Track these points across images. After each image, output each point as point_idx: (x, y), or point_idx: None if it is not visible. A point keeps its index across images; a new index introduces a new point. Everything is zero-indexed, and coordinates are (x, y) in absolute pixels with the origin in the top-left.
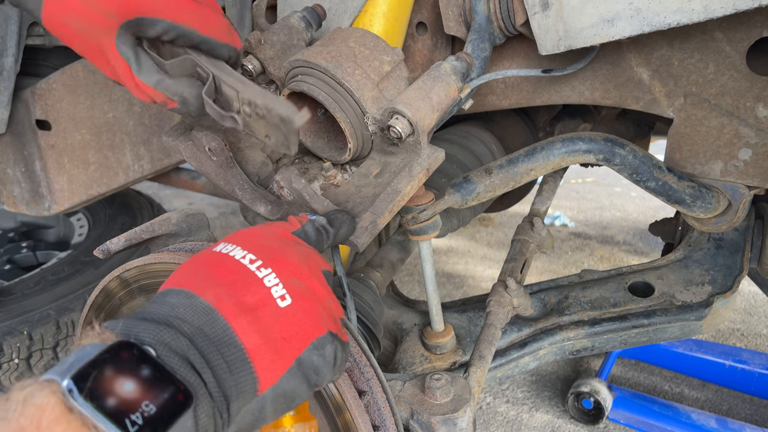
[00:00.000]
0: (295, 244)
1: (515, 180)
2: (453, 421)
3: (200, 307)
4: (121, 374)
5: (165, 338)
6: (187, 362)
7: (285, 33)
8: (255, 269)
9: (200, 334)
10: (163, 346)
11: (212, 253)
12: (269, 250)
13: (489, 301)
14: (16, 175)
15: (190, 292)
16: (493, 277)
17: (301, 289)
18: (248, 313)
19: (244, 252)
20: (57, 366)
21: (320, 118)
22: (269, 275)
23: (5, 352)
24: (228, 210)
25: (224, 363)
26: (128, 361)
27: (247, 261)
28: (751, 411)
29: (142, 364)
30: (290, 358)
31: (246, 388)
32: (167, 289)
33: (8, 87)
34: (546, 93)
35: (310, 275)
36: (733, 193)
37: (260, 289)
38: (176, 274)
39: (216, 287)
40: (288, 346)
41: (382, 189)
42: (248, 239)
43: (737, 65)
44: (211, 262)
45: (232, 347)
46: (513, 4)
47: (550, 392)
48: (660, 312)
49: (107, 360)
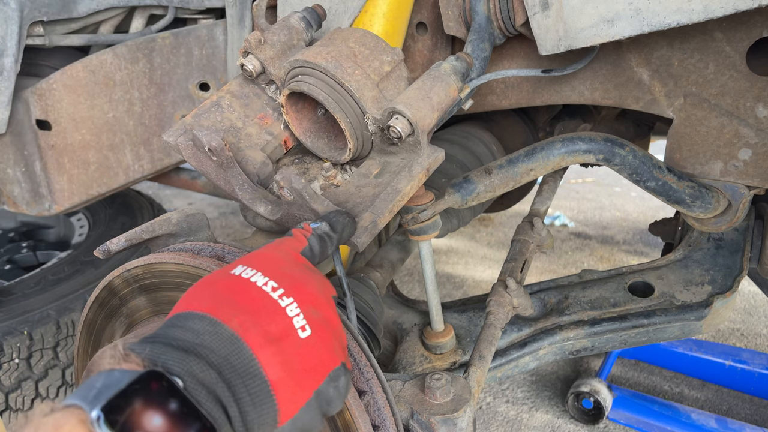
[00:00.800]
0: (309, 270)
1: (515, 180)
2: (453, 421)
3: (225, 335)
4: (149, 408)
5: (193, 369)
6: (214, 395)
7: (285, 33)
8: (278, 297)
9: (227, 365)
10: (191, 378)
11: (232, 277)
12: (290, 278)
13: (489, 301)
14: (17, 175)
15: (214, 319)
16: (493, 277)
17: (320, 320)
18: (272, 344)
19: (266, 279)
20: (82, 389)
21: (320, 118)
22: (291, 305)
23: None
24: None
25: (248, 396)
26: (157, 394)
27: (270, 288)
28: (750, 411)
29: (171, 398)
30: (310, 390)
31: (267, 420)
32: (188, 313)
33: (8, 87)
34: (546, 93)
35: (327, 305)
36: (732, 193)
37: (283, 319)
38: (194, 294)
39: (240, 315)
40: (308, 378)
41: (382, 189)
42: (268, 264)
43: (737, 65)
44: (232, 287)
45: (256, 379)
46: (513, 5)
47: (550, 392)
48: (660, 312)
49: (137, 391)
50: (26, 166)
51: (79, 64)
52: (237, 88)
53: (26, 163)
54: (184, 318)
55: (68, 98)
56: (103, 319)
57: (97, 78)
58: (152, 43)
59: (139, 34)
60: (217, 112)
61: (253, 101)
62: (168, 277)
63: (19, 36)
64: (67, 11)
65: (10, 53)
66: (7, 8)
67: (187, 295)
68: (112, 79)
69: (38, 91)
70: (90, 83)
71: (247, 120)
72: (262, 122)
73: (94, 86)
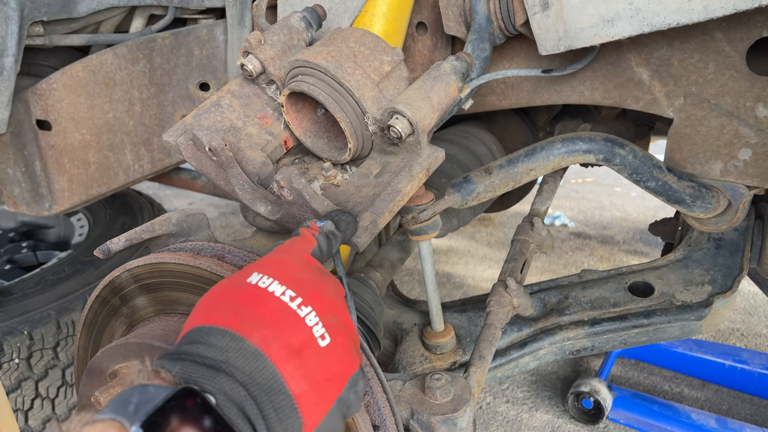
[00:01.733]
0: (322, 274)
1: (515, 180)
2: (453, 421)
3: (249, 351)
4: (185, 424)
5: (224, 387)
6: (243, 413)
7: (285, 33)
8: (296, 308)
9: (253, 382)
10: (222, 395)
11: (249, 287)
12: (307, 286)
13: (489, 301)
14: (17, 175)
15: (237, 334)
16: (493, 277)
17: (337, 326)
18: (294, 357)
19: (283, 288)
20: (118, 403)
21: (320, 118)
22: (310, 314)
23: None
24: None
25: (274, 411)
26: (192, 411)
27: (288, 298)
28: (750, 411)
29: (205, 415)
30: (332, 399)
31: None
32: (209, 328)
33: (8, 87)
34: (546, 93)
35: (343, 310)
36: (732, 193)
37: (303, 330)
38: (212, 305)
39: (262, 329)
40: (330, 387)
41: (382, 189)
42: (283, 271)
43: (737, 65)
44: (250, 299)
45: (281, 394)
46: (513, 4)
47: (550, 392)
48: (660, 312)
49: (174, 408)
50: (26, 166)
51: (79, 64)
52: (237, 88)
53: (26, 163)
54: (206, 333)
55: (68, 98)
56: (103, 319)
57: (97, 78)
58: (152, 43)
59: (139, 34)
60: (217, 112)
61: (253, 101)
62: (168, 277)
63: (20, 36)
64: (67, 11)
65: (10, 53)
66: (7, 8)
67: (204, 305)
68: (112, 79)
69: (38, 91)
70: (90, 83)
71: (247, 120)
72: (262, 122)
73: (94, 86)
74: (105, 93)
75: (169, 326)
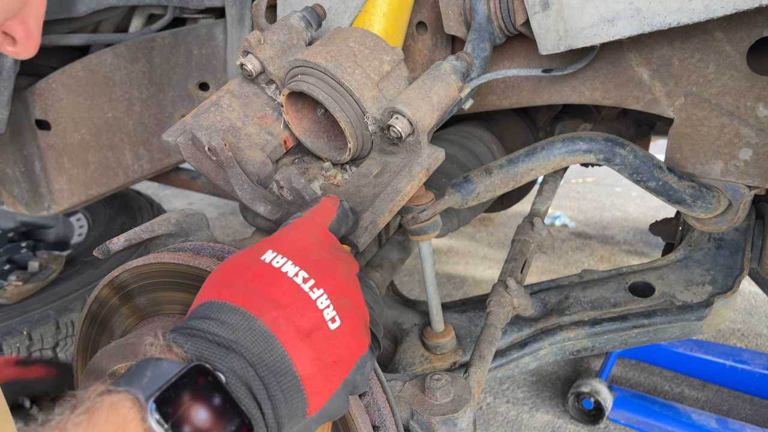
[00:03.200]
0: (337, 252)
1: (515, 180)
2: (453, 422)
3: (259, 331)
4: (197, 402)
5: (234, 366)
6: (251, 392)
7: (285, 33)
8: (308, 290)
9: (261, 363)
10: (232, 374)
11: (263, 265)
12: (320, 267)
13: (489, 301)
14: (16, 175)
15: (248, 313)
16: (494, 277)
17: (348, 309)
18: (304, 340)
19: (297, 268)
20: (132, 376)
21: (320, 118)
22: (321, 297)
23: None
24: (228, 210)
25: (281, 392)
26: (204, 388)
27: (301, 280)
28: (751, 411)
29: (215, 393)
30: (338, 381)
31: (297, 413)
32: (221, 303)
33: (8, 87)
34: (546, 93)
35: (355, 291)
36: (733, 193)
37: (314, 313)
38: (224, 280)
39: (273, 310)
40: (337, 369)
41: (382, 189)
42: (298, 250)
43: (738, 65)
44: (263, 278)
45: (288, 375)
46: (513, 4)
47: (550, 392)
48: (660, 312)
49: (186, 385)
50: (25, 165)
51: (78, 63)
52: (236, 87)
53: (25, 163)
54: (218, 309)
55: (68, 98)
56: (102, 319)
57: (96, 78)
58: (152, 42)
59: (138, 33)
60: (217, 112)
61: (253, 101)
62: (168, 277)
63: None
64: (66, 11)
65: None
66: None
67: (216, 279)
68: (112, 78)
69: (38, 90)
70: (89, 83)
71: (246, 120)
72: (262, 122)
73: (93, 86)
74: (104, 93)
75: (168, 326)
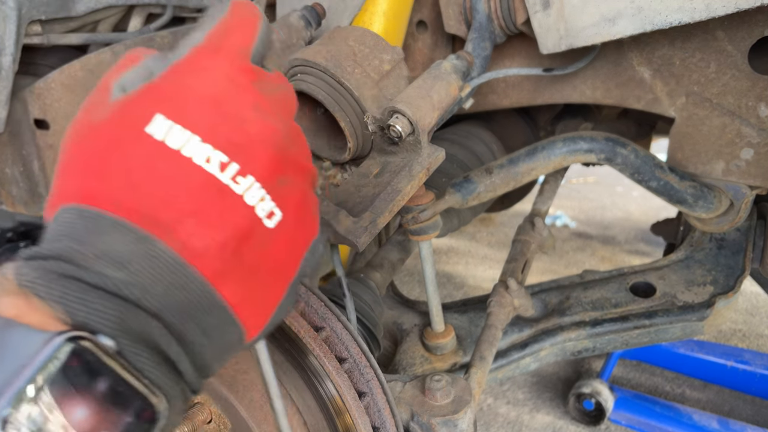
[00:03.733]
0: (268, 101)
1: (516, 179)
2: (453, 423)
3: (164, 260)
4: (70, 399)
5: (129, 322)
6: (157, 352)
7: (284, 32)
8: (230, 181)
9: (170, 306)
10: (125, 337)
11: (149, 144)
12: (244, 137)
13: (490, 301)
14: (15, 175)
15: (143, 233)
16: (494, 277)
17: (290, 188)
18: (230, 258)
19: (208, 149)
20: None
21: (320, 117)
22: (251, 188)
23: None
24: None
25: (203, 336)
26: (80, 375)
27: (216, 167)
28: (752, 412)
29: (98, 377)
30: (282, 289)
31: (232, 344)
32: (98, 216)
33: (6, 86)
34: (547, 92)
35: (297, 156)
36: (735, 193)
37: (242, 214)
38: (93, 169)
39: (179, 222)
40: (280, 276)
41: (382, 188)
42: (206, 114)
43: (739, 64)
44: (158, 168)
45: (213, 311)
46: (514, 3)
47: (551, 393)
48: (662, 312)
49: (53, 379)
50: (24, 165)
51: (77, 63)
52: None
53: (24, 163)
54: (93, 227)
55: (66, 97)
56: None
57: (95, 77)
58: (151, 42)
59: (137, 33)
60: None
61: None
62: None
63: (18, 35)
64: (65, 10)
65: (8, 52)
66: (5, 7)
67: (78, 160)
68: None
69: (36, 90)
70: (89, 83)
71: None
72: None
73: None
74: None
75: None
